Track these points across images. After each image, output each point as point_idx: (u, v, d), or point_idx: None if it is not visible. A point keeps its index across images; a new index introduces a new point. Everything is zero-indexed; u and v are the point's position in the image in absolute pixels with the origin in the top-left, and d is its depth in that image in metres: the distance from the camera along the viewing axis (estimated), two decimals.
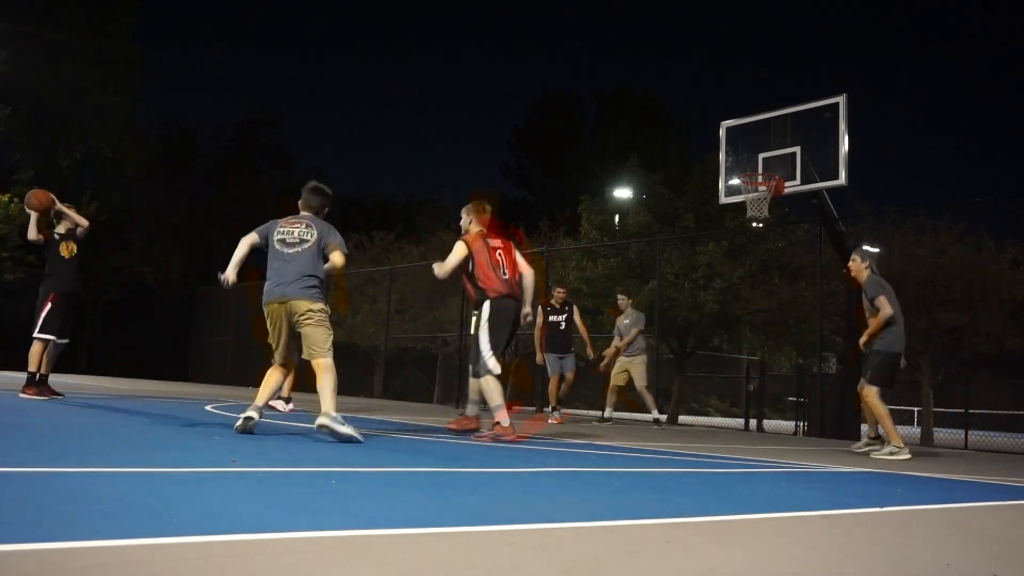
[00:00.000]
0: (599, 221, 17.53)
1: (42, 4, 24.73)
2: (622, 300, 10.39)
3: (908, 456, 6.37)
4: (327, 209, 5.37)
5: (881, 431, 6.82)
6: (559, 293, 10.10)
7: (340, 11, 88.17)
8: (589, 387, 22.85)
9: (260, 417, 4.83)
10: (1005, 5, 73.03)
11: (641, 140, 32.97)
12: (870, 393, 6.65)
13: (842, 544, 2.33)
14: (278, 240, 5.05)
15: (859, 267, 6.90)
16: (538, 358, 10.10)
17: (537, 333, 9.88)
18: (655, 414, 10.16)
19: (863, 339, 6.73)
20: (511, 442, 5.48)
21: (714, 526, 2.55)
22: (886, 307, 6.56)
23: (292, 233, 5.07)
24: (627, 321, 10.15)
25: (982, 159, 77.39)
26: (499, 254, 6.00)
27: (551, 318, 9.90)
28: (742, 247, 14.91)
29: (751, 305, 14.04)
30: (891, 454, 6.40)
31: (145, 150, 28.66)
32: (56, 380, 8.49)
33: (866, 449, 6.92)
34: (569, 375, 9.91)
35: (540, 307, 9.41)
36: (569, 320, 9.95)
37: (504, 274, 5.94)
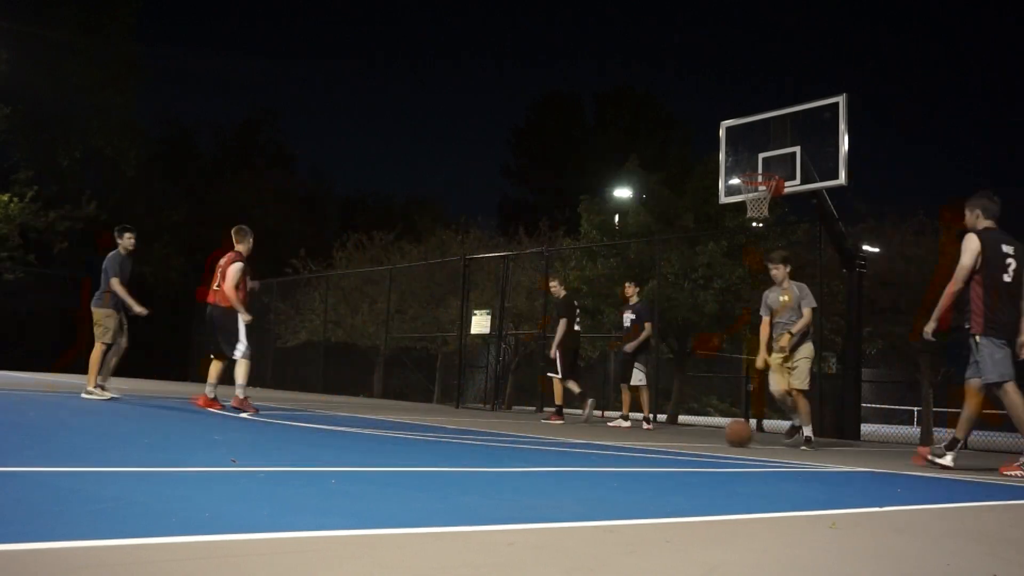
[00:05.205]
0: (599, 221, 17.49)
1: (42, 4, 24.71)
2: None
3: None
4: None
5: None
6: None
7: (340, 11, 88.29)
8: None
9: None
10: (1005, 5, 73.02)
11: (641, 140, 32.95)
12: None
13: (842, 544, 2.33)
14: None
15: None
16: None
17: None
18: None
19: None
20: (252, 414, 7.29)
21: (714, 526, 2.55)
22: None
23: None
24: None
25: (982, 159, 77.41)
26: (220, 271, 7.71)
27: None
28: (742, 247, 14.88)
29: (751, 305, 14.01)
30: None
31: (145, 150, 28.62)
32: (56, 380, 8.48)
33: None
34: None
35: None
36: None
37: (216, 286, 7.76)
